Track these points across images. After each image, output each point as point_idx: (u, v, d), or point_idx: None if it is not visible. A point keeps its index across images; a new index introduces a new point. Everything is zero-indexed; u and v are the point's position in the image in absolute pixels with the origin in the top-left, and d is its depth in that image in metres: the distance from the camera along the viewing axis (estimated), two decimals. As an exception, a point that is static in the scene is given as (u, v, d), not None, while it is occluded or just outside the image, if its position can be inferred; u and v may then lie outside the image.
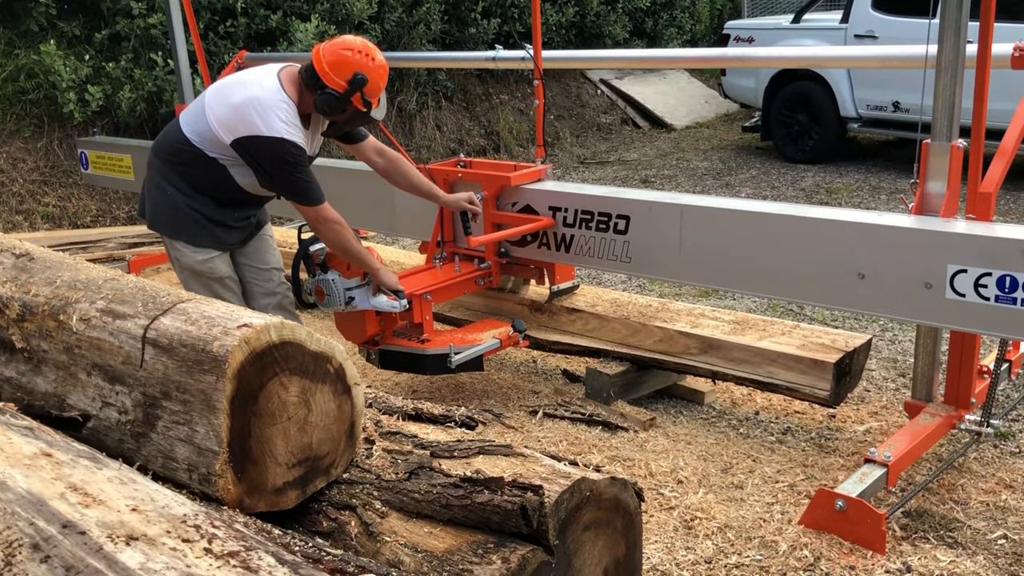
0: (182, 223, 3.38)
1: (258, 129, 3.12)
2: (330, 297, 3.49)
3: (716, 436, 3.55)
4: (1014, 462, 3.26)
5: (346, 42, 3.22)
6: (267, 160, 3.17)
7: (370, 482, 1.94)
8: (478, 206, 3.85)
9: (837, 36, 8.24)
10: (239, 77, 3.30)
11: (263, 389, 1.77)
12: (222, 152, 3.24)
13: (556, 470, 1.92)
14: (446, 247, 4.06)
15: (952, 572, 2.64)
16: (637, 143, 10.61)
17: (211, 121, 3.21)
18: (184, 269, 3.45)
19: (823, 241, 3.09)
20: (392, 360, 3.69)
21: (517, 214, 3.90)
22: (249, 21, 7.80)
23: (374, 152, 3.68)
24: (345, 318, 3.64)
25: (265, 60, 7.18)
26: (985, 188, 3.02)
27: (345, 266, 3.46)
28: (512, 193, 3.92)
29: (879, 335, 4.51)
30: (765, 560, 2.73)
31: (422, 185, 3.77)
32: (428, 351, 3.58)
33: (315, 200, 3.24)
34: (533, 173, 3.95)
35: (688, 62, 9.35)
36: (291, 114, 3.18)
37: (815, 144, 8.65)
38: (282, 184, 3.23)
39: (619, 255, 3.65)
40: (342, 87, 3.15)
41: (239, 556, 1.21)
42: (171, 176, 3.36)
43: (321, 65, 3.16)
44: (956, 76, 2.98)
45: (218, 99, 3.25)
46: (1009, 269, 2.72)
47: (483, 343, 3.62)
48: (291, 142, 3.15)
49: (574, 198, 3.76)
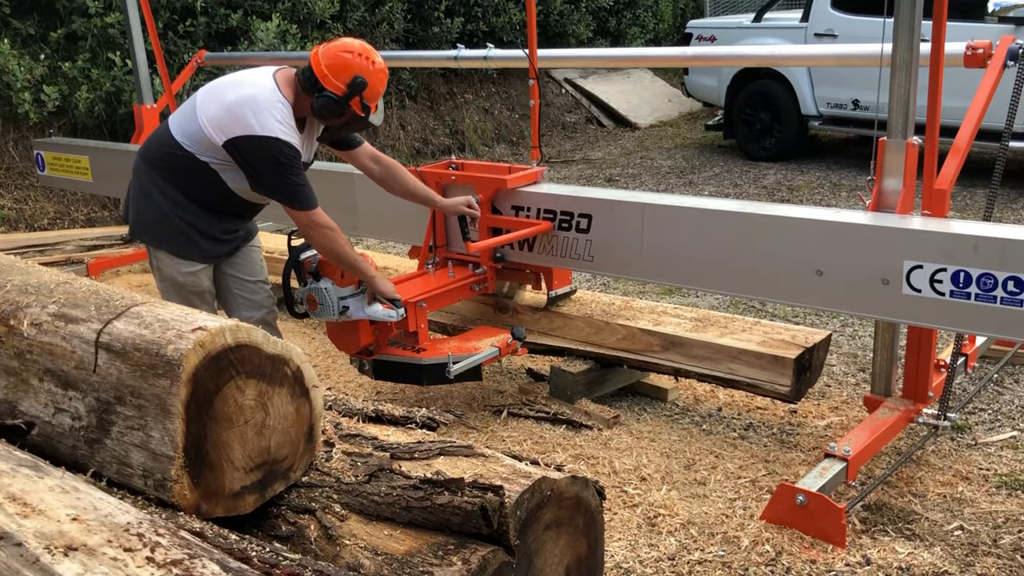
0: (167, 233, 3.26)
1: (252, 128, 3.01)
2: (323, 306, 3.37)
3: (679, 433, 3.57)
4: (970, 454, 3.31)
5: (345, 44, 3.12)
6: (259, 161, 3.05)
7: (330, 485, 1.92)
8: (477, 210, 3.73)
9: (797, 35, 8.33)
10: (233, 77, 3.20)
11: (219, 393, 1.75)
12: (214, 155, 3.12)
13: (517, 470, 1.92)
14: (438, 252, 3.94)
15: (910, 564, 2.68)
16: (602, 142, 10.64)
17: (203, 122, 3.09)
18: (165, 279, 3.34)
19: (782, 238, 3.12)
20: (387, 370, 3.58)
21: (514, 218, 3.80)
22: (209, 20, 7.72)
23: (369, 159, 3.57)
24: (337, 328, 3.53)
25: (226, 60, 7.14)
26: (940, 185, 3.07)
27: (339, 274, 3.35)
28: (508, 196, 3.82)
29: (839, 331, 4.56)
30: (728, 556, 2.75)
31: (419, 191, 3.67)
32: (425, 361, 3.47)
33: (308, 204, 3.12)
34: (530, 175, 3.86)
35: (652, 61, 9.38)
36: (287, 115, 3.07)
37: (777, 142, 8.73)
38: (273, 186, 3.11)
39: (582, 254, 3.65)
40: (341, 90, 3.06)
41: (182, 564, 1.20)
42: (159, 183, 3.24)
43: (320, 67, 3.06)
44: (910, 74, 3.03)
45: (210, 99, 3.14)
46: (963, 264, 2.76)
47: (482, 352, 3.51)
48: (285, 142, 3.04)
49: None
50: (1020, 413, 3.62)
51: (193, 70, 6.25)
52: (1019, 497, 3.03)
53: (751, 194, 7.59)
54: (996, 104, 3.19)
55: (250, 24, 7.79)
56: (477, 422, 3.71)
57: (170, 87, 5.99)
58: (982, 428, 3.51)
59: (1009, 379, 3.91)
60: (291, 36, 7.84)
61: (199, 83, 7.29)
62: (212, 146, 3.09)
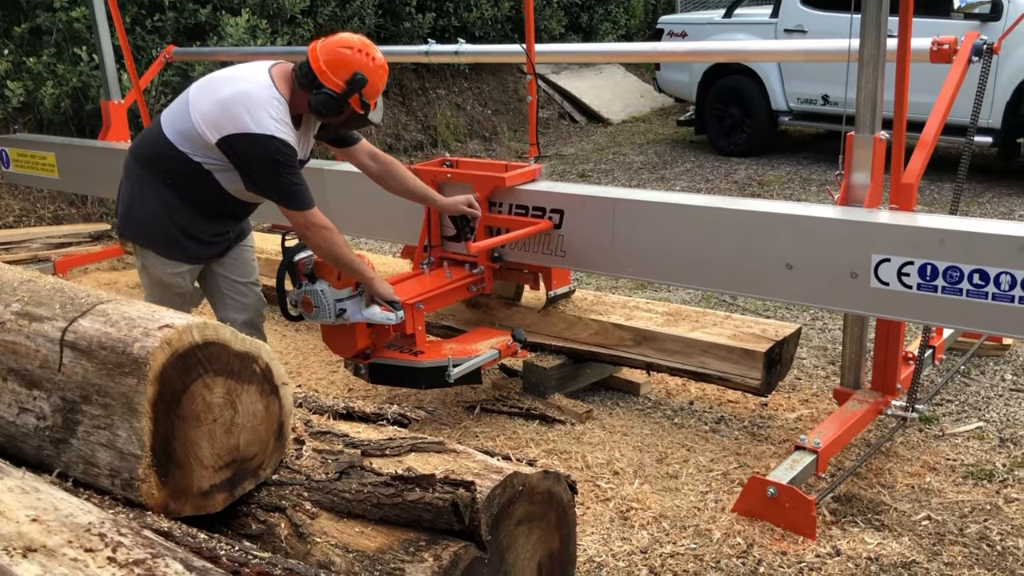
0: (155, 234, 3.19)
1: (246, 126, 2.92)
2: (319, 309, 3.28)
3: (651, 427, 3.58)
4: (937, 445, 3.35)
5: (344, 40, 3.04)
6: (254, 159, 2.96)
7: (300, 483, 1.91)
8: (478, 209, 3.64)
9: (767, 31, 8.38)
10: (226, 73, 3.11)
11: (187, 391, 1.73)
12: (207, 155, 3.03)
13: (488, 465, 1.92)
14: (433, 252, 3.84)
15: (879, 554, 2.71)
16: (574, 137, 10.66)
17: (195, 119, 3.00)
18: (151, 278, 3.27)
19: (752, 233, 3.14)
20: (384, 374, 3.50)
21: (513, 217, 3.71)
22: (177, 15, 7.64)
23: (367, 156, 3.48)
24: (333, 331, 3.43)
25: (194, 56, 7.07)
26: (907, 179, 3.10)
27: (335, 276, 3.26)
28: (505, 194, 3.73)
29: (809, 324, 4.60)
30: (699, 548, 2.77)
31: (418, 189, 3.58)
32: (423, 364, 3.39)
33: (304, 204, 3.03)
34: (527, 173, 3.77)
35: (624, 56, 9.41)
36: (282, 112, 2.98)
37: (747, 137, 8.79)
38: (269, 186, 3.02)
39: (554, 249, 3.66)
40: (340, 87, 2.97)
41: (144, 564, 1.19)
42: (151, 183, 3.15)
43: (318, 63, 2.98)
44: (877, 69, 3.05)
45: (203, 95, 3.04)
46: (930, 258, 2.79)
47: (482, 354, 3.43)
48: (281, 140, 2.95)
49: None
50: (986, 404, 3.67)
51: (161, 65, 6.18)
52: (985, 487, 3.07)
53: (722, 189, 7.64)
54: (962, 99, 3.24)
55: (219, 19, 7.71)
56: (450, 418, 3.71)
57: (138, 83, 5.92)
58: (949, 419, 3.56)
59: (975, 371, 3.97)
60: (261, 31, 7.77)
61: (167, 79, 7.23)
62: (205, 145, 3.00)
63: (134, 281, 5.78)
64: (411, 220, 3.93)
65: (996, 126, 6.90)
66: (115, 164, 5.41)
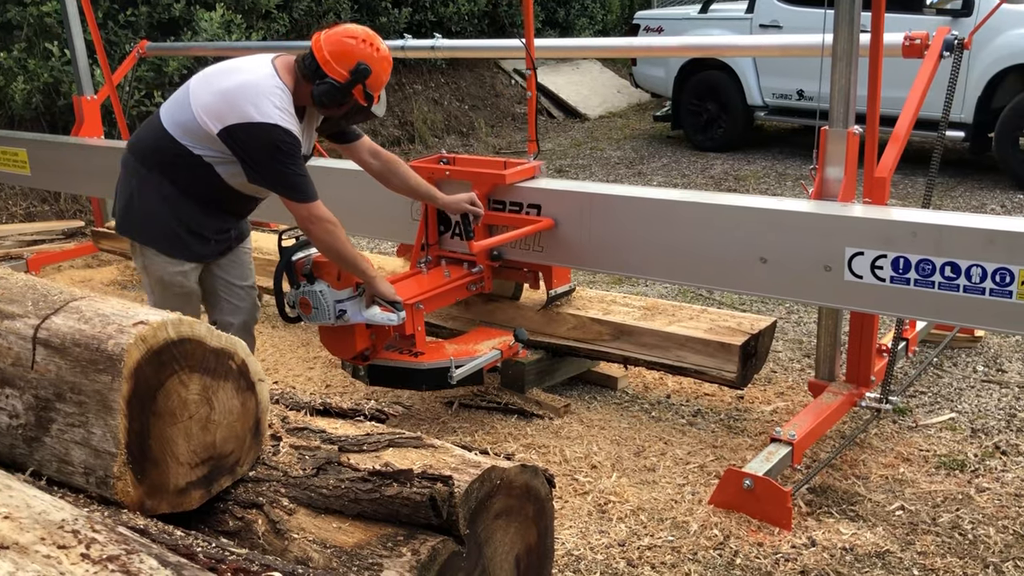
0: (156, 231, 3.09)
1: (249, 115, 2.85)
2: (317, 311, 3.19)
3: (629, 420, 3.60)
4: (911, 436, 3.39)
5: (348, 30, 2.98)
6: (257, 149, 2.89)
7: (277, 479, 1.91)
8: (480, 207, 3.57)
9: (743, 26, 8.42)
10: (228, 64, 3.05)
11: (162, 388, 1.73)
12: (209, 147, 2.96)
13: (466, 460, 1.92)
14: (431, 250, 3.77)
15: (853, 544, 2.74)
16: (552, 133, 10.66)
17: (196, 111, 2.93)
18: (152, 277, 3.17)
19: (727, 227, 3.16)
20: (383, 376, 3.42)
21: (513, 215, 3.65)
22: (151, 10, 7.57)
23: (368, 153, 3.40)
24: (331, 332, 3.34)
25: (168, 51, 7.01)
26: (880, 173, 3.14)
27: (335, 276, 3.17)
28: (505, 192, 3.66)
29: (785, 317, 4.64)
30: (677, 540, 2.78)
31: (419, 187, 3.50)
32: (424, 365, 3.32)
33: (308, 196, 2.95)
34: (527, 170, 3.70)
35: (601, 52, 9.42)
36: (286, 101, 2.92)
37: (723, 132, 8.83)
38: (271, 177, 2.94)
39: (531, 244, 3.66)
40: (343, 77, 2.92)
41: (118, 560, 1.18)
42: (150, 178, 3.06)
43: (322, 53, 2.92)
44: (851, 64, 3.08)
45: (204, 86, 2.98)
46: (903, 251, 2.82)
47: (484, 355, 3.38)
48: (285, 129, 2.88)
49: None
50: (958, 395, 3.71)
51: (135, 61, 6.13)
52: (957, 477, 3.11)
53: (699, 184, 7.67)
54: (935, 94, 3.27)
55: (193, 14, 7.65)
56: (428, 414, 3.71)
57: (111, 78, 5.86)
58: (922, 410, 3.60)
59: (948, 362, 4.01)
60: (236, 26, 7.72)
61: (141, 74, 7.16)
62: (207, 136, 2.93)
63: (109, 278, 5.73)
64: (401, 218, 3.92)
65: (968, 121, 6.98)
66: (88, 160, 5.39)
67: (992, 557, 2.68)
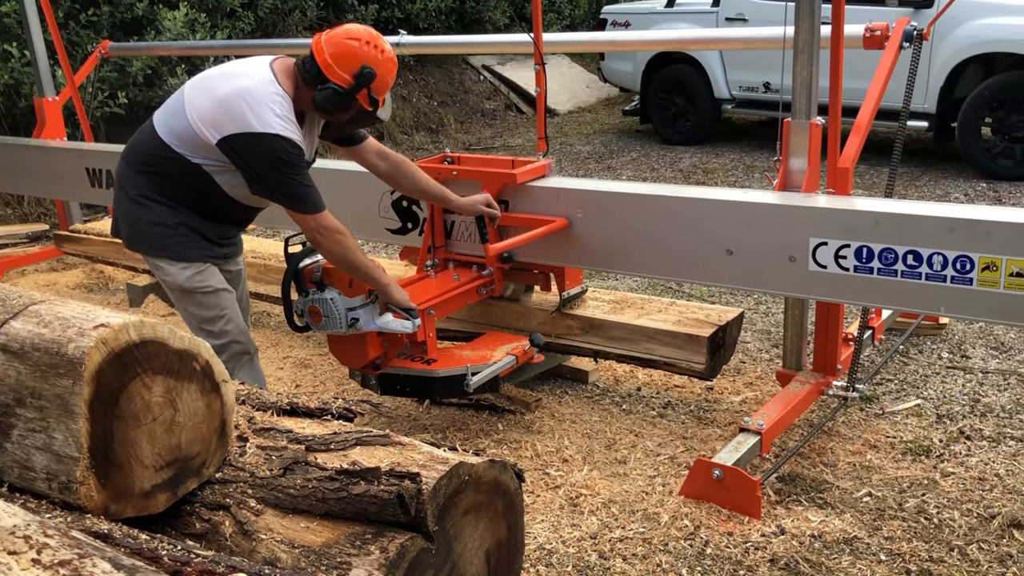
0: (163, 238, 2.97)
1: (249, 125, 2.73)
2: (328, 319, 3.07)
3: (600, 414, 3.62)
4: (878, 423, 3.44)
5: (350, 31, 2.85)
6: (259, 160, 2.77)
7: (244, 480, 1.90)
8: (497, 209, 3.45)
9: (709, 19, 8.46)
10: (224, 68, 2.93)
11: (125, 391, 1.71)
12: (207, 156, 2.84)
13: (434, 456, 1.92)
14: (437, 253, 3.66)
15: (822, 531, 2.77)
16: (521, 128, 10.67)
17: (192, 119, 2.81)
18: (173, 290, 3.05)
19: (693, 220, 3.18)
20: (395, 384, 3.30)
21: (525, 215, 3.52)
22: (113, 9, 7.48)
23: (375, 155, 3.26)
24: (341, 340, 3.22)
25: (131, 51, 6.93)
26: (843, 164, 3.17)
27: (346, 283, 3.06)
28: (515, 192, 3.54)
29: (753, 308, 4.67)
30: (648, 532, 2.80)
31: (431, 189, 3.36)
32: (439, 373, 3.21)
33: (315, 207, 2.83)
34: (538, 169, 3.58)
35: (569, 47, 9.43)
36: (287, 109, 2.79)
37: (692, 126, 8.87)
38: (276, 188, 2.81)
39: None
40: (347, 82, 2.79)
41: (70, 565, 1.17)
42: (147, 188, 2.95)
43: (323, 56, 2.79)
44: (812, 56, 3.11)
45: (200, 93, 2.85)
46: (865, 240, 2.86)
47: (499, 361, 3.28)
48: (287, 139, 2.75)
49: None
50: (924, 382, 3.76)
51: (97, 61, 6.05)
52: (923, 462, 3.16)
53: (668, 177, 7.71)
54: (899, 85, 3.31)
55: (156, 13, 7.57)
56: (399, 412, 3.71)
57: (72, 79, 5.79)
58: (889, 398, 3.64)
59: (914, 350, 4.07)
60: (200, 25, 7.65)
61: (105, 75, 7.08)
62: (204, 146, 2.82)
63: (74, 282, 5.67)
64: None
65: (931, 111, 7.06)
66: (51, 163, 5.32)
67: (957, 540, 2.72)
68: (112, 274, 5.66)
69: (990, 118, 6.87)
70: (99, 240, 5.42)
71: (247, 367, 3.12)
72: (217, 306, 3.04)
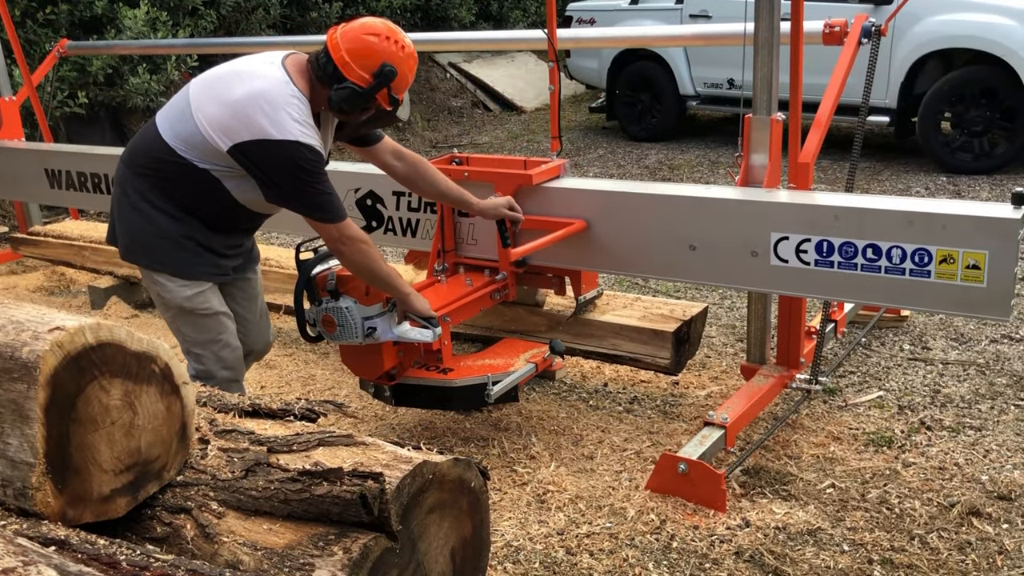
0: (166, 251, 2.79)
1: (265, 132, 2.55)
2: (343, 329, 2.94)
3: (567, 410, 3.63)
4: (841, 415, 3.48)
5: (368, 26, 2.66)
6: (278, 169, 2.59)
7: (205, 483, 1.88)
8: (520, 212, 3.32)
9: (673, 16, 8.50)
10: (233, 68, 2.72)
11: (81, 394, 1.69)
12: (216, 162, 2.67)
13: (398, 456, 1.92)
14: (447, 257, 3.54)
15: (786, 523, 2.80)
16: (488, 126, 10.66)
17: (201, 123, 2.63)
18: (169, 307, 2.87)
19: (657, 216, 3.20)
20: (411, 396, 3.19)
21: (541, 217, 3.38)
22: (72, 8, 7.36)
23: (392, 155, 3.10)
24: (355, 351, 3.09)
25: (90, 50, 6.83)
26: (803, 159, 3.20)
27: (362, 291, 2.93)
28: (531, 194, 3.40)
29: (718, 303, 4.71)
30: (615, 527, 2.82)
31: (451, 191, 3.21)
32: (458, 382, 3.09)
33: (337, 216, 2.67)
34: (553, 169, 3.44)
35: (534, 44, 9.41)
36: (304, 112, 2.62)
37: (657, 122, 8.92)
38: (295, 197, 2.64)
39: (465, 237, 3.65)
40: (366, 81, 2.62)
41: (15, 572, 1.16)
42: (150, 194, 2.77)
43: (339, 53, 2.62)
44: (772, 52, 3.13)
45: (209, 95, 2.66)
46: (825, 234, 2.89)
47: (518, 369, 3.16)
48: (307, 145, 2.58)
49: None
50: (886, 374, 3.81)
51: (55, 60, 5.96)
52: (885, 453, 3.20)
53: (634, 174, 7.74)
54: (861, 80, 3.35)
55: (116, 11, 7.47)
56: (366, 412, 3.69)
57: (30, 78, 5.70)
58: (852, 390, 3.69)
59: (876, 342, 4.12)
60: (161, 24, 7.56)
61: (64, 74, 6.97)
62: (214, 152, 2.65)
63: (35, 284, 5.58)
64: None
65: (892, 106, 7.15)
66: (9, 164, 5.24)
67: (917, 529, 2.76)
68: (73, 276, 5.58)
69: (949, 113, 6.98)
70: (57, 243, 5.35)
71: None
72: (214, 330, 2.90)
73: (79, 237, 5.31)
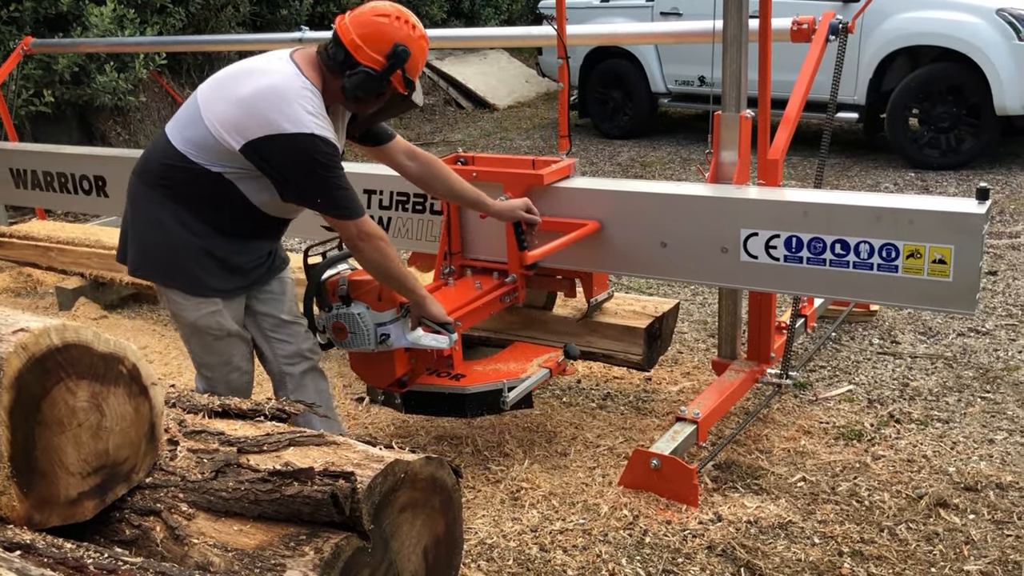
0: (179, 266, 2.68)
1: (279, 126, 2.46)
2: (355, 335, 2.84)
3: (541, 407, 3.63)
4: (811, 410, 3.51)
5: (377, 7, 2.57)
6: (293, 164, 2.50)
7: (175, 484, 1.87)
8: (537, 214, 3.21)
9: (644, 14, 8.53)
10: (242, 66, 2.65)
11: (47, 396, 1.68)
12: (228, 163, 2.57)
13: (370, 455, 1.92)
14: (454, 259, 3.45)
15: (758, 517, 2.82)
16: (461, 124, 10.65)
17: (210, 124, 2.54)
18: (183, 324, 2.78)
19: (628, 213, 3.21)
20: (422, 403, 3.09)
21: (553, 219, 3.28)
22: (36, 5, 7.25)
23: (404, 155, 2.99)
24: (365, 358, 3.00)
25: (56, 48, 6.74)
26: (772, 155, 3.23)
27: (375, 296, 2.83)
28: (542, 194, 3.30)
29: (690, 299, 4.74)
30: (588, 523, 2.83)
31: (466, 192, 3.10)
32: (472, 389, 3.00)
33: (356, 212, 2.58)
34: (563, 169, 3.35)
35: (506, 41, 9.45)
36: (318, 105, 2.53)
37: (629, 120, 8.95)
38: (313, 194, 2.54)
39: (438, 235, 3.65)
40: (380, 63, 2.52)
41: (-24, 576, 1.14)
42: (163, 205, 2.66)
43: (350, 37, 2.52)
44: (741, 49, 3.15)
45: (218, 95, 2.58)
46: (794, 230, 2.91)
47: (532, 375, 3.07)
48: (323, 138, 2.49)
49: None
50: (855, 368, 3.85)
51: (19, 58, 5.89)
52: (854, 446, 3.23)
53: (606, 171, 7.76)
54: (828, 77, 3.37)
55: (83, 8, 7.37)
56: (338, 410, 3.67)
57: (-5, 77, 5.63)
58: (822, 384, 3.72)
59: (846, 337, 4.16)
60: (128, 21, 7.47)
61: (28, 72, 6.88)
62: (226, 153, 2.55)
63: (1, 286, 5.50)
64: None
65: (861, 103, 7.22)
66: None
67: (887, 521, 2.79)
68: (41, 277, 5.50)
69: (917, 109, 7.06)
70: (23, 244, 5.27)
71: None
72: (225, 352, 2.82)
73: (46, 238, 5.24)
